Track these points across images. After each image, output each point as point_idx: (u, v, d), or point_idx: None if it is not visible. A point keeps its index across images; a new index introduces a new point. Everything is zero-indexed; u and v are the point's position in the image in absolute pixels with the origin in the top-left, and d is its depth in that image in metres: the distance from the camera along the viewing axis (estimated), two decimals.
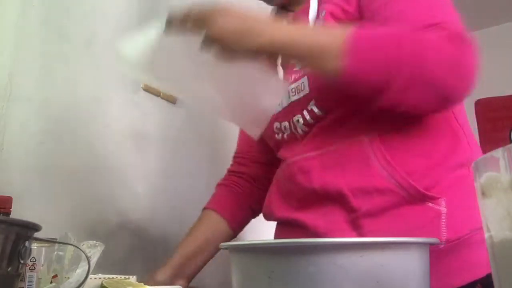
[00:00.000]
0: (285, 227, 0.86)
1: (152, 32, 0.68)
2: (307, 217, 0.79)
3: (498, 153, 0.27)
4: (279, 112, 0.86)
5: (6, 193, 0.76)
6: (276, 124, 0.87)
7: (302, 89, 0.81)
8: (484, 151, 0.72)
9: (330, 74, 0.67)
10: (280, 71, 0.84)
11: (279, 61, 0.82)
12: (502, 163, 0.27)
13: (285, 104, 0.85)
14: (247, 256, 0.45)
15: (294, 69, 0.84)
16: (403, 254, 0.42)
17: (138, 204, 1.17)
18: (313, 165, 0.79)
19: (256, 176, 1.04)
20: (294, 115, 0.83)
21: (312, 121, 0.80)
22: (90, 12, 1.11)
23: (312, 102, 0.80)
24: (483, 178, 0.29)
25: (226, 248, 0.48)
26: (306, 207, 0.80)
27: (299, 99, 0.82)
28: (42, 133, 0.96)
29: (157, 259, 1.21)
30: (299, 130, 0.83)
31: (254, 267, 0.44)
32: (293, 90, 0.83)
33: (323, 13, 0.81)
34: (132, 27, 1.23)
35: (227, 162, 1.12)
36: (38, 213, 0.91)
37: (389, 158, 0.73)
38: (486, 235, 0.29)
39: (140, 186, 1.19)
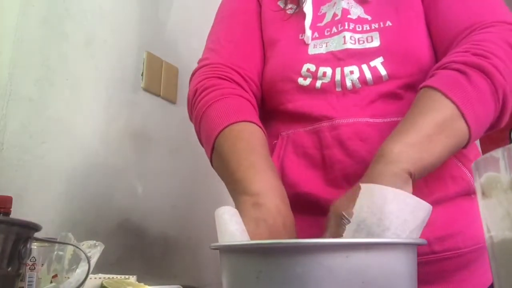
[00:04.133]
0: (310, 211, 0.68)
1: None
2: None
3: (498, 153, 0.27)
4: (321, 54, 0.73)
5: (6, 193, 0.76)
6: (309, 66, 0.73)
7: (370, 41, 0.72)
8: (484, 151, 0.72)
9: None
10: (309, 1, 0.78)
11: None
12: (502, 163, 0.27)
13: (333, 47, 0.73)
14: (235, 257, 0.46)
15: (353, 16, 0.76)
16: (389, 254, 0.42)
17: (138, 204, 1.17)
18: (373, 133, 0.68)
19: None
20: (348, 65, 0.71)
21: (371, 80, 0.70)
22: (89, 12, 1.11)
23: (380, 59, 0.71)
24: (483, 178, 0.29)
25: (216, 249, 0.49)
26: (352, 185, 0.65)
27: (361, 50, 0.72)
28: (42, 133, 0.96)
29: (157, 259, 1.21)
30: (348, 84, 0.70)
31: (243, 267, 0.44)
32: (352, 38, 0.73)
33: None
34: (131, 27, 1.23)
35: None
36: (38, 213, 0.91)
37: None
38: (486, 235, 0.29)
39: (140, 186, 1.19)
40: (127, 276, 0.79)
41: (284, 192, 0.62)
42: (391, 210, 0.48)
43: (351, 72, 0.71)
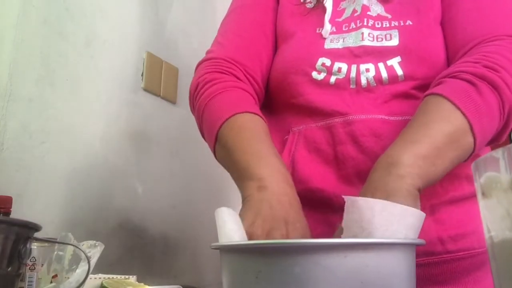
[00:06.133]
0: (320, 208, 0.68)
1: None
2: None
3: (498, 153, 0.27)
4: (338, 49, 0.72)
5: (6, 193, 0.76)
6: (324, 61, 0.72)
7: (389, 39, 0.71)
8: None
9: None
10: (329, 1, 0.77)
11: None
12: (502, 163, 0.27)
13: (350, 43, 0.72)
14: (235, 256, 0.46)
15: (373, 13, 0.75)
16: (388, 254, 0.42)
17: (138, 204, 1.17)
18: (387, 130, 0.67)
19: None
20: (364, 62, 0.70)
21: (386, 80, 0.69)
22: (90, 12, 1.11)
23: (397, 58, 0.70)
24: (483, 178, 0.29)
25: (216, 248, 0.49)
26: (364, 181, 0.64)
27: (379, 48, 0.71)
28: (42, 133, 0.96)
29: (157, 259, 1.21)
30: (363, 82, 0.70)
31: (242, 267, 0.44)
32: (371, 35, 0.72)
33: None
34: (131, 27, 1.23)
35: None
36: (38, 213, 0.91)
37: None
38: (486, 235, 0.29)
39: (140, 186, 1.19)
40: (127, 276, 0.79)
41: (289, 176, 0.61)
42: (380, 223, 0.47)
43: (367, 70, 0.70)
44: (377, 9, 0.76)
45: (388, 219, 0.48)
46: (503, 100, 0.60)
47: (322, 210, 0.67)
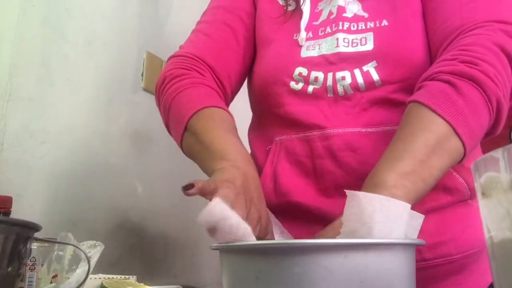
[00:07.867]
0: (301, 219, 0.69)
1: None
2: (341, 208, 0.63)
3: (498, 153, 0.27)
4: (314, 57, 0.72)
5: (6, 193, 0.76)
6: (301, 70, 0.71)
7: (363, 43, 0.69)
8: (484, 151, 0.72)
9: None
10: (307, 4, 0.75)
11: None
12: (502, 163, 0.27)
13: (325, 50, 0.71)
14: (235, 257, 0.46)
15: (348, 15, 0.73)
16: (388, 255, 0.42)
17: (138, 204, 1.17)
18: (364, 143, 0.66)
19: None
20: (340, 70, 0.69)
21: (363, 86, 0.68)
22: (90, 12, 1.11)
23: (373, 63, 0.68)
24: (483, 178, 0.29)
25: (216, 249, 0.49)
26: (343, 194, 0.64)
27: (354, 54, 0.69)
28: (42, 133, 0.96)
29: (157, 259, 1.21)
30: (339, 90, 0.69)
31: (242, 267, 0.45)
32: (346, 40, 0.71)
33: None
34: (131, 27, 1.23)
35: None
36: (38, 213, 0.91)
37: None
38: (486, 235, 0.29)
39: (140, 186, 1.19)
40: (127, 276, 0.79)
41: (253, 163, 0.64)
42: (379, 219, 0.47)
43: (343, 78, 0.69)
44: (353, 8, 0.74)
45: (386, 216, 0.47)
46: (487, 94, 0.57)
47: (304, 221, 0.68)
